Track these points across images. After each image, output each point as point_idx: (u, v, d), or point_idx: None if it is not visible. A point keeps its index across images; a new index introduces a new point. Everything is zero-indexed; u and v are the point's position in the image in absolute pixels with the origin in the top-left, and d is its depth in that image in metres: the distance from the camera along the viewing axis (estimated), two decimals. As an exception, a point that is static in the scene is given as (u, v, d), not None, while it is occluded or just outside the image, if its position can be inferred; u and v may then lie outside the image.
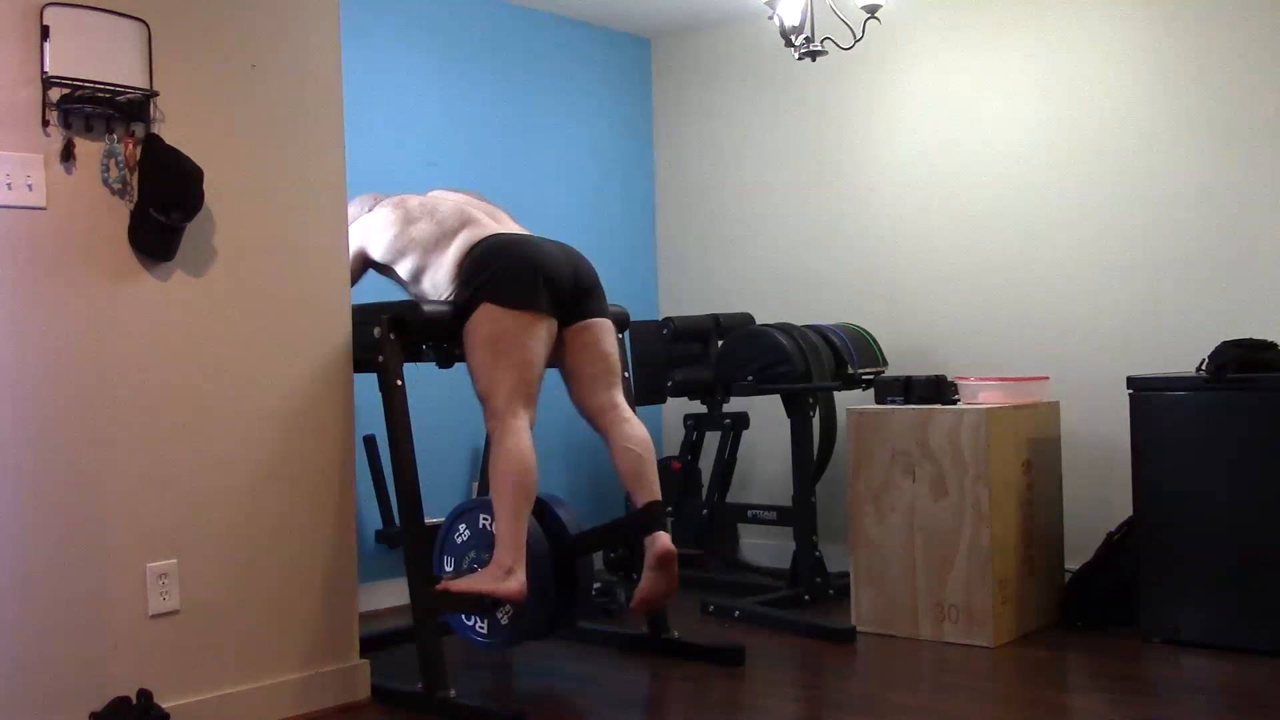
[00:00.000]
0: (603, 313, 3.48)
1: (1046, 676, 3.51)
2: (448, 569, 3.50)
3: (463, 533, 3.48)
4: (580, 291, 3.41)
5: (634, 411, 3.53)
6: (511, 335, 3.25)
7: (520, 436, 3.23)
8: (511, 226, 3.55)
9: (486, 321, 3.26)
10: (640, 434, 3.42)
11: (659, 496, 3.39)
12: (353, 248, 3.50)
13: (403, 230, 3.51)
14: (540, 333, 3.29)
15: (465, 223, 3.44)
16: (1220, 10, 4.13)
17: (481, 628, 3.45)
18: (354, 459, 3.31)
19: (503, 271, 3.27)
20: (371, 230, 3.58)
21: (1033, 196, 4.52)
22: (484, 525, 3.42)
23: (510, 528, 3.17)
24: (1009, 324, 4.57)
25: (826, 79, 4.98)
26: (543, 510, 3.44)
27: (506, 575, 3.13)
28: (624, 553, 4.79)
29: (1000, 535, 3.70)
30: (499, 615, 3.40)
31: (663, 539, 3.29)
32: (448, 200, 3.57)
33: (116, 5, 2.82)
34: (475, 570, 3.33)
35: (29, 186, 2.70)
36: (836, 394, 4.57)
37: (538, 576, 3.31)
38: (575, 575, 3.41)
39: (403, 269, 3.51)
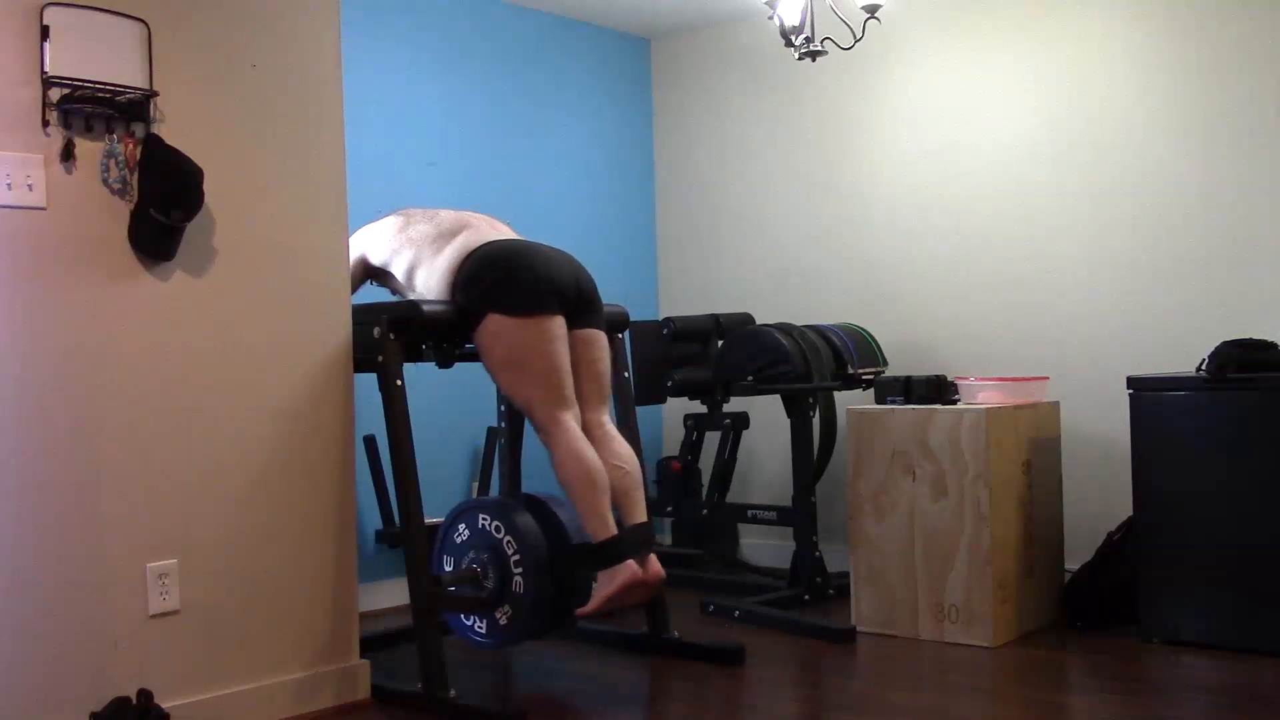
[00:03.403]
0: (600, 326, 3.48)
1: (1046, 676, 3.51)
2: (447, 569, 3.51)
3: (462, 532, 3.49)
4: (583, 300, 3.41)
5: (634, 414, 3.53)
6: (529, 348, 3.26)
7: (570, 436, 3.27)
8: (511, 235, 3.56)
9: (499, 344, 3.26)
10: (629, 453, 3.43)
11: (648, 518, 3.41)
12: (354, 254, 3.51)
13: (401, 231, 3.55)
14: (556, 333, 3.30)
15: (463, 226, 3.48)
16: (1220, 11, 4.13)
17: (480, 627, 3.45)
18: (354, 459, 3.31)
19: (506, 278, 3.27)
20: (371, 234, 3.62)
21: (1033, 196, 4.52)
22: (483, 525, 3.42)
23: (601, 526, 3.23)
24: (1009, 324, 4.57)
25: (826, 79, 4.98)
26: (543, 511, 3.45)
27: (617, 571, 3.21)
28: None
29: (1000, 535, 3.70)
30: (498, 615, 3.40)
31: (654, 563, 3.33)
32: (449, 210, 3.61)
33: (116, 5, 2.82)
34: (476, 569, 3.36)
35: (29, 186, 2.70)
36: (836, 394, 4.57)
37: (536, 576, 3.32)
38: (575, 575, 3.41)
39: (398, 267, 3.51)
